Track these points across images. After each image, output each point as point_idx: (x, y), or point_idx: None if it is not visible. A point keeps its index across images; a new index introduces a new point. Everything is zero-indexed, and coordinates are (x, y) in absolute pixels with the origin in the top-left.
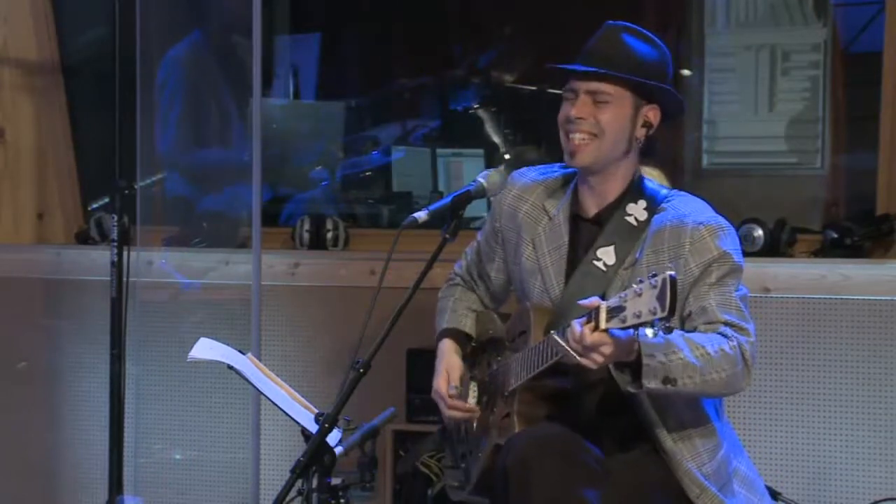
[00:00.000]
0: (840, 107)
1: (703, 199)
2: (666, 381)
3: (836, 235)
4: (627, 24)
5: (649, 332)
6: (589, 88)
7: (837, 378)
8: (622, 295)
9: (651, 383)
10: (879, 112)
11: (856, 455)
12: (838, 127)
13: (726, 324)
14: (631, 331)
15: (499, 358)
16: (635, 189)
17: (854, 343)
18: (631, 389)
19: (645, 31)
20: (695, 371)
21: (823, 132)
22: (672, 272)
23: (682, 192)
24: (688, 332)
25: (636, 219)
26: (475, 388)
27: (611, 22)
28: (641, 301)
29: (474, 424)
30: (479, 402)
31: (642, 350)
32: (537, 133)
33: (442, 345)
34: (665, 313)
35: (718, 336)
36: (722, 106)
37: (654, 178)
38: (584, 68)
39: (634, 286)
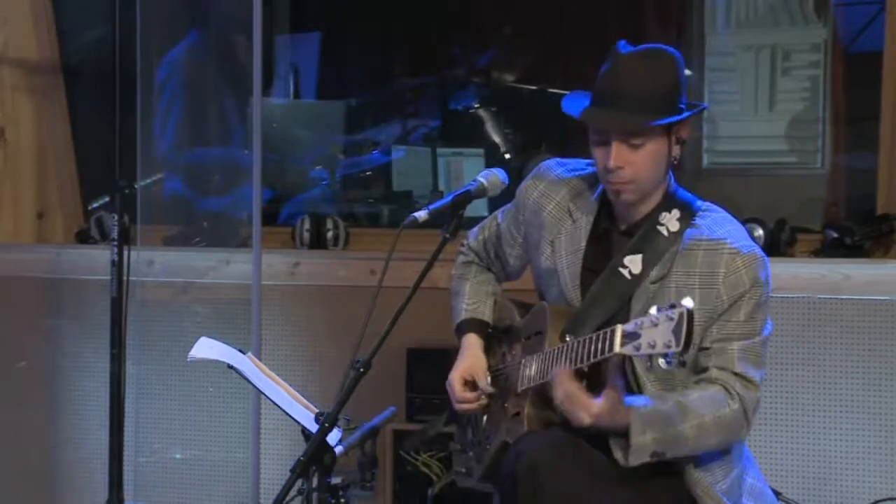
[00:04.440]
0: (840, 107)
1: (735, 216)
2: (654, 454)
3: (836, 235)
4: (639, 48)
5: (661, 362)
6: (621, 137)
7: (837, 378)
8: (638, 321)
9: (636, 462)
10: (879, 112)
11: (856, 455)
12: (838, 127)
13: (737, 376)
14: (625, 394)
15: (513, 351)
16: (670, 199)
17: (854, 343)
18: (619, 460)
19: (656, 46)
20: (686, 441)
21: (823, 132)
22: (690, 306)
23: (717, 208)
24: (697, 375)
25: (668, 229)
26: (488, 377)
27: (622, 48)
28: (657, 332)
29: (485, 415)
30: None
31: (632, 425)
32: (537, 133)
33: (467, 339)
34: (679, 348)
35: (722, 395)
36: (722, 106)
37: None
38: (618, 123)
39: (651, 314)
